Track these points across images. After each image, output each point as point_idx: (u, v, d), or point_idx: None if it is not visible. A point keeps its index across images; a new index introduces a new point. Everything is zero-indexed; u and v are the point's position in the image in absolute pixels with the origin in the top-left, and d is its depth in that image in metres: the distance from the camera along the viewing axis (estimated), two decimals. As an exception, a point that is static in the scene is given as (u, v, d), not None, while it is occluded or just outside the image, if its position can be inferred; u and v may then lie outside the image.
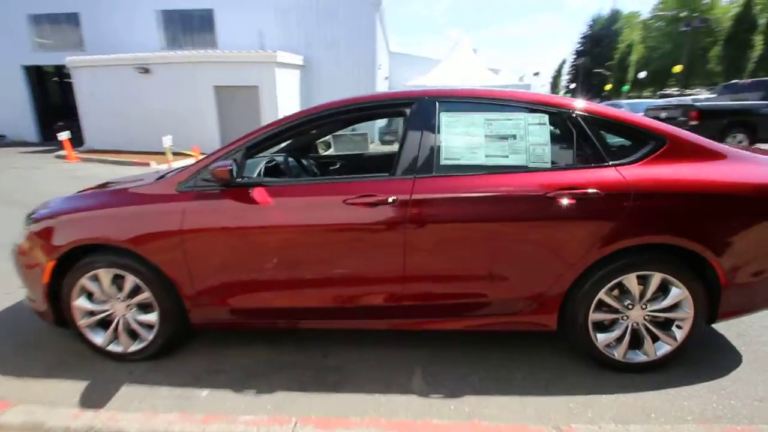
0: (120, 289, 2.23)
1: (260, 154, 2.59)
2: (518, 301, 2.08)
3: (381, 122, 15.16)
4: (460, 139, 2.06)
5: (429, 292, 2.09)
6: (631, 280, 2.02)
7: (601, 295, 2.04)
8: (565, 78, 55.95)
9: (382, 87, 17.17)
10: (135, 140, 13.28)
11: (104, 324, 2.31)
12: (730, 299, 2.03)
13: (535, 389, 2.04)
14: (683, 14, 37.22)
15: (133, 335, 2.30)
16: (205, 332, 2.54)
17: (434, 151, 2.04)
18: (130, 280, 2.18)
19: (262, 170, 2.55)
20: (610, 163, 2.00)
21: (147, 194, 2.18)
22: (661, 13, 42.36)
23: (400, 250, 2.00)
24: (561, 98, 2.13)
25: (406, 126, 2.10)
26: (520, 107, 2.09)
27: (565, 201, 1.92)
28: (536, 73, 40.86)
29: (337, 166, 3.65)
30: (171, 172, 2.37)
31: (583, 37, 48.38)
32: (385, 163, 3.61)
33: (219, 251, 2.09)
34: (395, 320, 2.16)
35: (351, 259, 2.06)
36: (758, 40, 26.58)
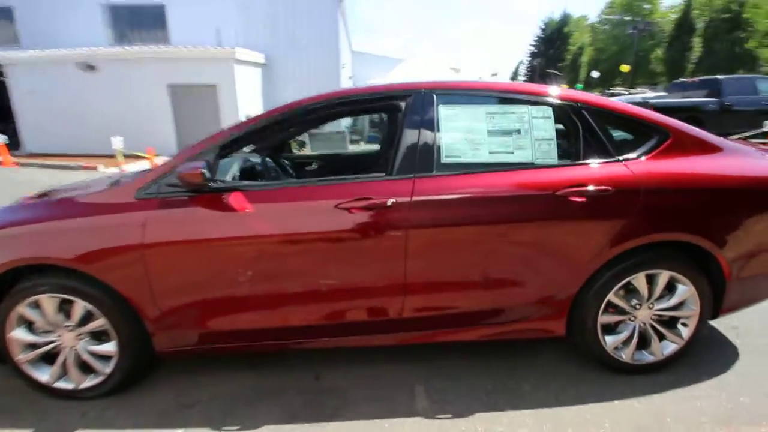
0: (68, 316, 1.88)
1: (232, 155, 2.31)
2: (526, 307, 1.93)
3: (346, 121, 14.88)
4: (461, 134, 1.89)
5: (433, 302, 1.91)
6: (639, 280, 1.93)
7: (611, 296, 1.93)
8: (521, 78, 57.83)
9: (347, 86, 16.88)
10: (80, 143, 12.26)
11: (50, 357, 1.95)
12: (732, 294, 2.00)
13: (547, 400, 1.90)
14: (627, 18, 39.46)
15: (87, 368, 1.96)
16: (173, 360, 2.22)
17: (434, 148, 1.85)
18: (80, 306, 1.84)
19: (237, 173, 2.27)
20: (618, 158, 1.90)
21: (99, 204, 1.85)
22: (608, 16, 44.69)
23: (401, 258, 1.80)
24: (566, 90, 2.01)
25: (402, 121, 1.90)
26: (522, 100, 1.95)
27: (575, 199, 1.79)
28: (494, 74, 41.89)
29: (315, 166, 3.40)
30: (127, 176, 2.05)
31: (536, 39, 50.10)
32: (367, 163, 3.41)
33: (190, 268, 1.80)
34: (396, 334, 1.96)
35: (345, 270, 1.83)
36: (696, 42, 28.60)
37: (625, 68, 26.48)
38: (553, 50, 46.83)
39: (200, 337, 1.91)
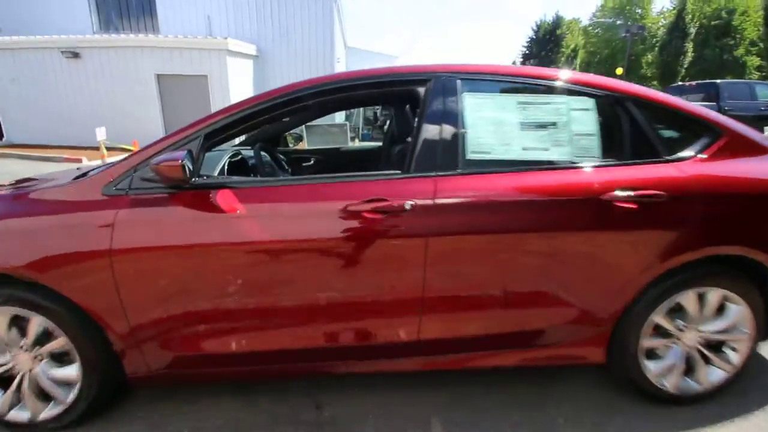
0: (23, 333, 1.58)
1: (221, 146, 2.02)
2: (563, 328, 1.68)
3: (339, 117, 14.54)
4: (490, 127, 1.63)
5: (454, 322, 1.65)
6: (689, 298, 1.69)
7: (656, 317, 1.69)
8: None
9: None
10: (64, 133, 11.83)
11: (2, 382, 1.65)
12: None
13: (584, 437, 1.65)
14: (619, 22, 39.74)
15: (46, 396, 1.66)
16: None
17: (458, 143, 1.58)
18: (37, 322, 1.54)
19: (226, 166, 1.97)
20: (667, 158, 1.66)
21: (58, 201, 1.54)
22: (601, 20, 44.90)
23: (419, 271, 1.53)
24: (608, 79, 1.75)
25: (420, 110, 1.63)
26: (559, 88, 1.69)
27: (624, 205, 1.54)
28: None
29: (312, 162, 3.12)
30: (96, 169, 1.75)
31: (528, 41, 50.05)
32: (371, 159, 3.14)
33: (168, 280, 1.51)
34: (409, 359, 1.69)
35: (354, 283, 1.56)
36: (689, 47, 28.78)
37: (619, 71, 26.54)
38: (545, 52, 46.79)
39: (180, 360, 1.62)
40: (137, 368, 1.63)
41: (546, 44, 47.01)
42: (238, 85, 12.08)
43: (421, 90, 1.64)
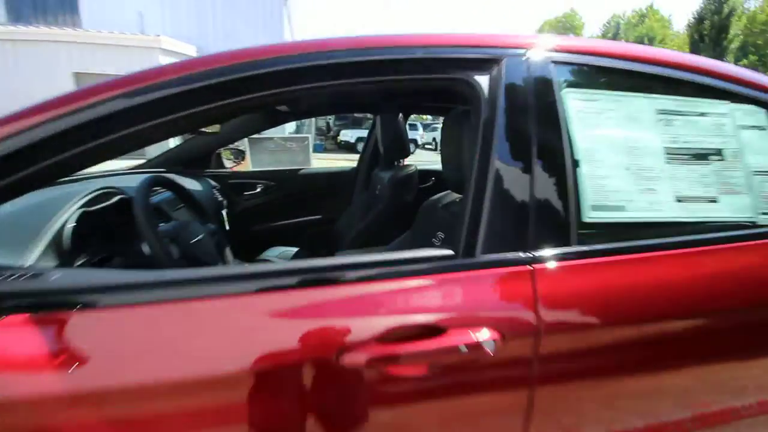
0: None
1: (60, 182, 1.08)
2: None
3: (289, 126, 13.43)
4: (618, 156, 0.85)
5: None
6: None
7: None
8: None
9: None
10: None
11: None
12: None
13: None
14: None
15: None
16: None
17: (564, 191, 0.78)
18: None
19: (68, 228, 0.98)
20: None
21: None
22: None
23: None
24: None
25: (486, 119, 0.81)
26: (716, 89, 0.94)
27: None
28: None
29: (258, 189, 2.22)
30: None
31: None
32: (344, 189, 2.30)
33: None
34: None
35: None
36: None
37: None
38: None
39: None
40: None
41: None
42: (173, 88, 10.72)
43: (482, 80, 0.82)
